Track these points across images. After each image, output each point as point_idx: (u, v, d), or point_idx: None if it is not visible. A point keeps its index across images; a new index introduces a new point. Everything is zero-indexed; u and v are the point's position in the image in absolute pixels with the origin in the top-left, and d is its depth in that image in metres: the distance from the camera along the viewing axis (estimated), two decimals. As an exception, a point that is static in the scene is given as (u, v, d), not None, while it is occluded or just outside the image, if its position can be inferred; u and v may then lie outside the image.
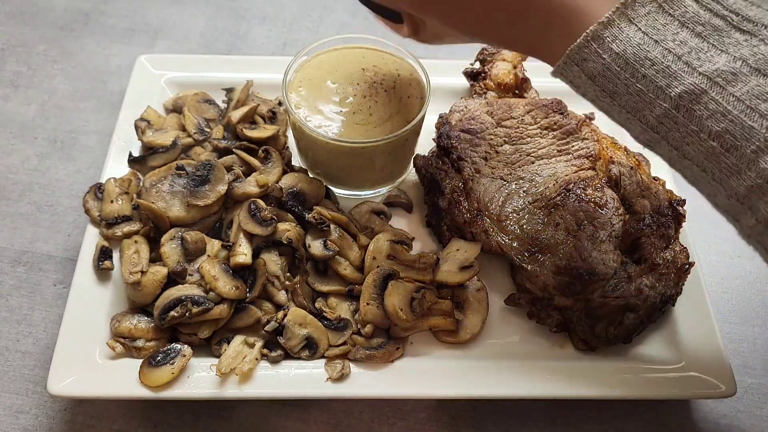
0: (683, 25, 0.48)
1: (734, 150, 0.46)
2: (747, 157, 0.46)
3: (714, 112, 0.47)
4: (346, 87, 0.83)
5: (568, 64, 0.52)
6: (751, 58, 0.46)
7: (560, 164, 0.80)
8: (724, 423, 0.78)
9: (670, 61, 0.48)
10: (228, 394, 0.70)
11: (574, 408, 0.78)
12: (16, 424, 0.75)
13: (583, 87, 0.53)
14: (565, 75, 0.53)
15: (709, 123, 0.47)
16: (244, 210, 0.77)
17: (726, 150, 0.47)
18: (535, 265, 0.76)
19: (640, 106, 0.50)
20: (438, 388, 0.72)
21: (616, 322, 0.74)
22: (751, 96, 0.46)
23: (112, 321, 0.74)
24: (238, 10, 1.18)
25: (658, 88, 0.48)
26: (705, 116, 0.47)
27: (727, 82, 0.46)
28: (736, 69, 0.46)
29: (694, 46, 0.48)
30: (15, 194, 0.94)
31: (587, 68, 0.51)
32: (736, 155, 0.46)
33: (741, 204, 0.48)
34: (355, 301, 0.77)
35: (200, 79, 0.96)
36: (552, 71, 0.55)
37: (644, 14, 0.49)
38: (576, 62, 0.51)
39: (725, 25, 0.48)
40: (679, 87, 0.47)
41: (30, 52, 1.10)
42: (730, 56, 0.47)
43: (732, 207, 0.49)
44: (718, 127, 0.46)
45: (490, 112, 0.85)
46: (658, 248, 0.77)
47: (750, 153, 0.46)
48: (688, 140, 0.48)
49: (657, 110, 0.49)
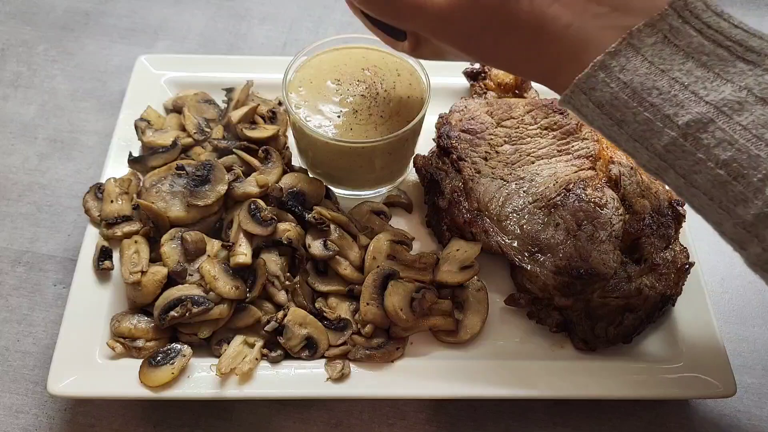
0: (688, 56, 0.49)
1: (741, 178, 0.47)
2: (754, 185, 0.46)
3: (721, 141, 0.47)
4: (346, 87, 0.83)
5: (576, 93, 0.53)
6: (756, 87, 0.47)
7: (560, 164, 0.80)
8: (724, 423, 0.78)
9: (677, 90, 0.48)
10: (228, 394, 0.70)
11: (574, 408, 0.78)
12: (16, 424, 0.75)
13: (590, 115, 0.53)
14: (572, 103, 0.54)
15: (716, 151, 0.47)
16: (244, 210, 0.77)
17: (733, 178, 0.47)
18: (535, 265, 0.76)
19: (648, 135, 0.50)
20: (438, 388, 0.72)
21: (616, 322, 0.74)
22: (756, 125, 0.46)
23: (112, 321, 0.74)
24: (238, 10, 1.18)
25: (666, 117, 0.49)
26: (712, 145, 0.47)
27: (733, 111, 0.47)
28: (741, 98, 0.47)
29: (700, 75, 0.48)
30: (15, 194, 0.94)
31: (595, 97, 0.52)
32: (743, 183, 0.47)
33: (748, 232, 0.48)
34: (355, 301, 0.77)
35: (200, 79, 0.96)
36: (560, 100, 0.55)
37: (650, 44, 0.50)
38: (584, 91, 0.52)
39: (729, 56, 0.48)
40: (686, 116, 0.48)
41: (30, 52, 1.10)
42: (736, 86, 0.47)
43: (739, 235, 0.49)
44: (725, 155, 0.47)
45: (490, 112, 0.86)
46: (658, 248, 0.77)
47: (757, 181, 0.46)
48: (696, 168, 0.49)
49: (664, 139, 0.49)
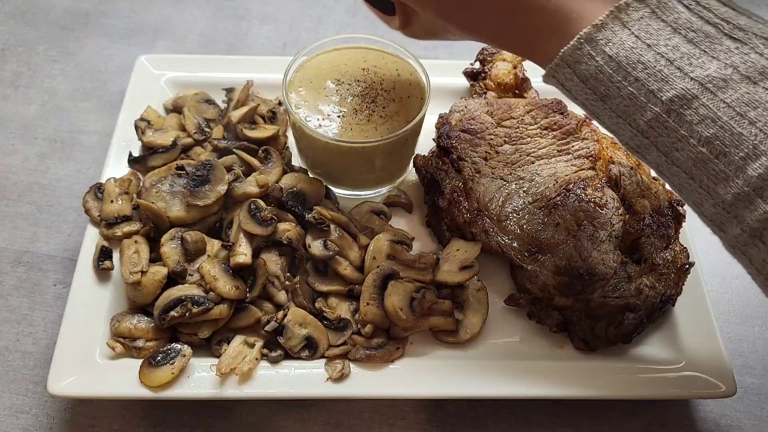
0: (675, 31, 0.48)
1: (723, 156, 0.46)
2: (735, 163, 0.46)
3: (704, 118, 0.47)
4: (346, 87, 0.83)
5: (561, 66, 0.52)
6: (742, 66, 0.47)
7: (560, 164, 0.80)
8: (724, 423, 0.78)
9: (662, 65, 0.48)
10: (228, 394, 0.70)
11: (574, 408, 0.78)
12: (16, 424, 0.75)
13: (574, 90, 0.53)
14: (557, 77, 0.53)
15: (699, 128, 0.47)
16: (244, 210, 0.77)
17: (715, 156, 0.47)
18: (535, 265, 0.76)
19: (631, 110, 0.50)
20: (438, 388, 0.72)
21: (616, 322, 0.74)
22: (740, 103, 0.46)
23: (112, 321, 0.74)
24: (238, 10, 1.18)
25: (650, 92, 0.48)
26: (695, 121, 0.47)
27: (717, 89, 0.47)
28: (726, 76, 0.47)
29: (686, 51, 0.48)
30: (15, 194, 0.94)
31: (579, 70, 0.51)
32: (724, 162, 0.46)
33: (727, 213, 0.47)
34: (355, 301, 0.77)
35: (200, 79, 0.96)
36: (544, 74, 0.55)
37: (637, 19, 0.49)
38: (568, 64, 0.52)
39: (717, 33, 0.48)
40: (670, 91, 0.48)
41: (30, 52, 1.10)
42: (722, 63, 0.47)
43: (718, 216, 0.48)
44: (708, 132, 0.47)
45: (490, 112, 0.86)
46: (658, 248, 0.77)
47: (738, 160, 0.46)
48: (678, 146, 0.48)
49: (648, 114, 0.49)
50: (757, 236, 0.46)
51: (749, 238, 0.47)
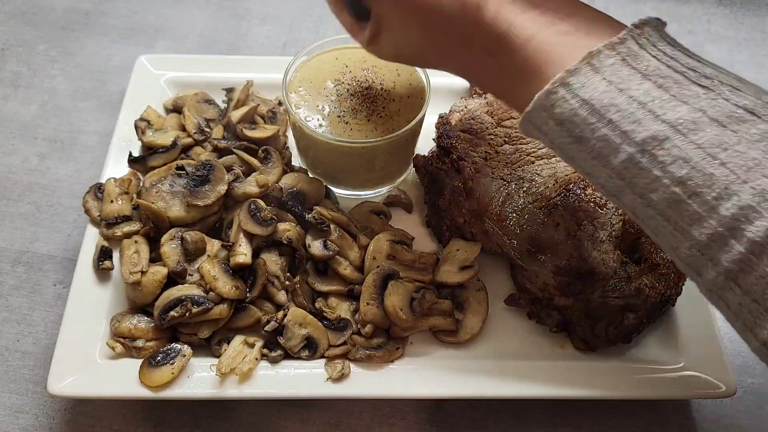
0: (646, 77, 0.50)
1: (696, 197, 0.47)
2: (708, 203, 0.47)
3: (677, 158, 0.48)
4: (346, 87, 0.83)
5: (537, 110, 0.54)
6: (710, 110, 0.48)
7: (560, 164, 0.80)
8: (724, 423, 0.78)
9: (634, 108, 0.49)
10: (228, 394, 0.70)
11: (574, 408, 0.78)
12: (16, 424, 0.76)
13: (551, 134, 0.54)
14: (533, 121, 0.55)
15: (672, 168, 0.48)
16: (244, 210, 0.77)
17: (688, 197, 0.48)
18: (535, 265, 0.76)
19: (606, 152, 0.51)
20: (438, 388, 0.72)
21: (616, 322, 0.74)
22: (711, 144, 0.47)
23: (112, 321, 0.74)
24: (238, 10, 1.18)
25: (623, 133, 0.50)
26: (668, 162, 0.48)
27: (689, 131, 0.48)
28: (696, 119, 0.48)
29: (657, 96, 0.49)
30: (15, 194, 0.94)
31: (555, 114, 0.52)
32: (697, 202, 0.47)
33: (702, 255, 0.48)
34: (355, 301, 0.77)
35: (200, 79, 0.96)
36: (520, 120, 0.56)
37: (609, 65, 0.51)
38: (544, 108, 0.53)
39: (684, 80, 0.50)
40: (643, 132, 0.49)
41: (30, 52, 1.10)
42: (691, 107, 0.48)
43: (694, 259, 0.49)
44: (681, 173, 0.48)
45: (490, 112, 0.85)
46: (658, 248, 0.77)
47: (711, 200, 0.47)
48: (652, 186, 0.49)
49: (621, 155, 0.50)
50: (732, 278, 0.47)
51: (725, 281, 0.47)
